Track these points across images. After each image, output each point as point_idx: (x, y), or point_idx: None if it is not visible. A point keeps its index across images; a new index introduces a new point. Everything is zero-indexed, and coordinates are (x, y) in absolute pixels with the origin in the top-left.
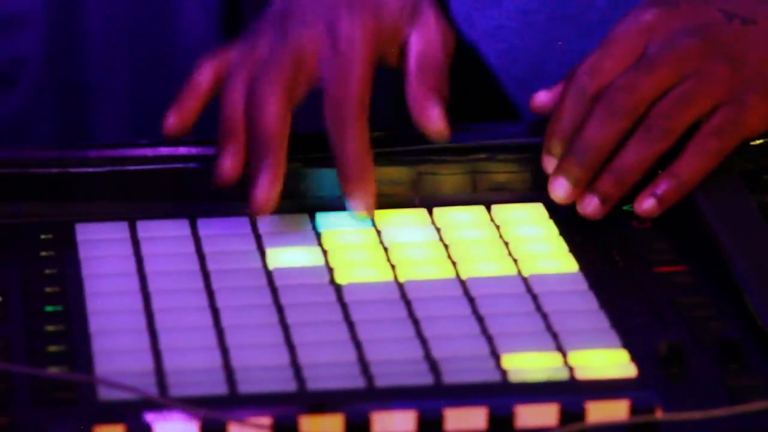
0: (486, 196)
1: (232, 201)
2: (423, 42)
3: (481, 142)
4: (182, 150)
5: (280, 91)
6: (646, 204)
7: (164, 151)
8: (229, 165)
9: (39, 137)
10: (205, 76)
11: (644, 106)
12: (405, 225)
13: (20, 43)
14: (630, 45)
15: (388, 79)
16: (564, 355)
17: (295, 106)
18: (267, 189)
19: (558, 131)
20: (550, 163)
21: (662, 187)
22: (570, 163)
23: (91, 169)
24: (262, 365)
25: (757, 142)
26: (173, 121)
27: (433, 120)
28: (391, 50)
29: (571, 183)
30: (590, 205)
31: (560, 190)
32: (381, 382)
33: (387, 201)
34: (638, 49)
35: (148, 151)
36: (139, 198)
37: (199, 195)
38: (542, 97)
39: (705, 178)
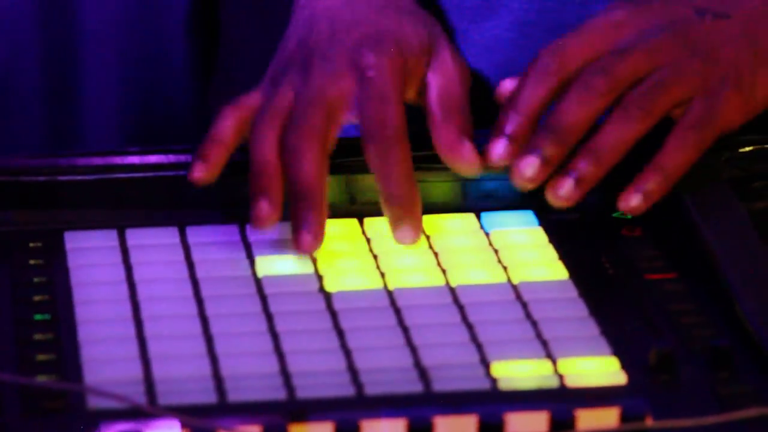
0: (475, 203)
1: (222, 209)
2: (442, 79)
3: None
4: (171, 158)
5: (316, 141)
6: (633, 200)
7: (153, 159)
8: (268, 212)
9: (28, 138)
10: (227, 124)
11: (620, 87)
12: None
13: (10, 44)
14: (598, 36)
15: None
16: (554, 362)
17: (331, 148)
18: (313, 239)
19: (518, 107)
20: (500, 144)
21: (646, 181)
22: (542, 140)
23: (80, 177)
24: (251, 373)
25: (746, 149)
26: (200, 173)
27: (466, 158)
28: (410, 87)
29: (541, 161)
30: (564, 187)
31: (529, 168)
32: (370, 390)
33: (376, 209)
34: (608, 40)
35: (137, 159)
36: (128, 206)
37: (189, 203)
38: (509, 85)
39: (695, 186)
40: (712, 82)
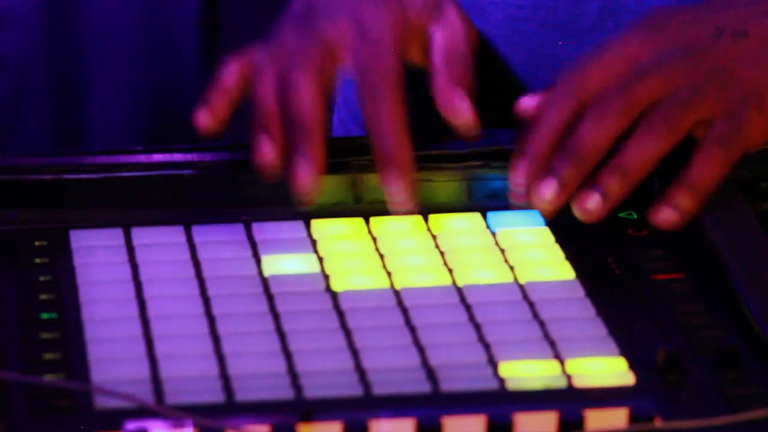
0: (481, 202)
1: (228, 207)
2: (446, 37)
3: (476, 148)
4: (177, 157)
5: (313, 77)
6: (666, 214)
7: (159, 157)
8: (268, 151)
9: (38, 137)
10: (231, 75)
11: (639, 107)
12: (401, 232)
13: (10, 41)
14: (617, 58)
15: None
16: (562, 362)
17: (329, 97)
18: (309, 174)
19: (540, 129)
20: (522, 166)
21: (677, 197)
22: (561, 163)
23: (85, 176)
24: (258, 373)
25: None
26: (205, 119)
27: (462, 113)
28: (414, 45)
29: (560, 184)
30: (590, 201)
31: (548, 191)
32: (378, 389)
33: (383, 208)
34: (627, 62)
35: (143, 158)
36: (134, 204)
37: (195, 201)
38: (528, 102)
39: None
40: (733, 102)
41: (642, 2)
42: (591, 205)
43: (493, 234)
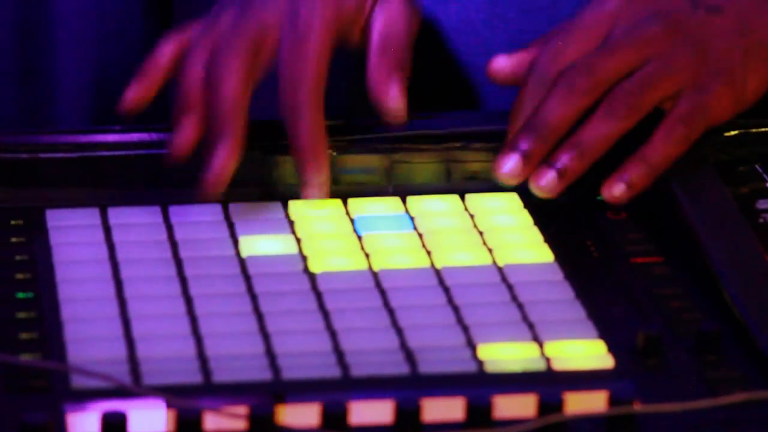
0: (460, 184)
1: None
2: (386, 20)
3: (455, 130)
4: (154, 136)
5: (240, 64)
6: (616, 189)
7: (136, 137)
8: (184, 138)
9: (1, 122)
10: (165, 53)
11: (604, 86)
12: (379, 213)
13: None
14: (592, 31)
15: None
16: (540, 345)
17: (255, 83)
18: (223, 162)
19: (520, 119)
20: (509, 156)
21: (631, 172)
22: (522, 138)
23: (61, 155)
24: (236, 354)
25: (732, 133)
26: (131, 95)
27: (391, 98)
28: (354, 30)
29: (521, 157)
30: (545, 178)
31: (508, 164)
32: (357, 371)
33: (360, 189)
34: (601, 35)
35: (120, 137)
36: (110, 184)
37: (171, 181)
38: (501, 62)
39: (680, 170)
40: (703, 75)
41: None
42: (546, 182)
43: (472, 216)
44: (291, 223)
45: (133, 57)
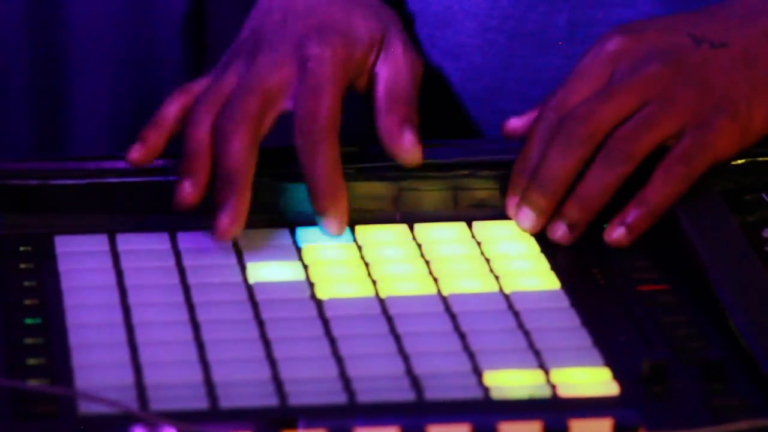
0: (467, 212)
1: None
2: (391, 72)
3: (462, 158)
4: (162, 163)
5: (246, 126)
6: (616, 233)
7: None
8: (189, 192)
9: (17, 143)
10: (171, 109)
11: (602, 132)
12: (386, 240)
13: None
14: (595, 77)
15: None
16: (546, 372)
17: (262, 138)
18: (230, 223)
19: (525, 168)
20: (512, 202)
21: (631, 215)
22: (532, 193)
23: (70, 181)
24: (243, 380)
25: (738, 161)
26: (137, 154)
27: (406, 148)
28: (359, 79)
29: (535, 213)
30: (558, 232)
31: (526, 220)
32: (363, 397)
33: (368, 216)
34: (603, 77)
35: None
36: (118, 210)
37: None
38: (514, 124)
39: (687, 198)
40: (705, 111)
41: (611, 14)
42: (560, 236)
43: (479, 243)
44: (298, 250)
45: (170, 82)
